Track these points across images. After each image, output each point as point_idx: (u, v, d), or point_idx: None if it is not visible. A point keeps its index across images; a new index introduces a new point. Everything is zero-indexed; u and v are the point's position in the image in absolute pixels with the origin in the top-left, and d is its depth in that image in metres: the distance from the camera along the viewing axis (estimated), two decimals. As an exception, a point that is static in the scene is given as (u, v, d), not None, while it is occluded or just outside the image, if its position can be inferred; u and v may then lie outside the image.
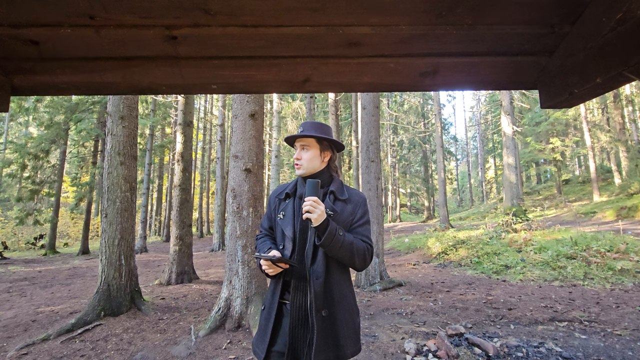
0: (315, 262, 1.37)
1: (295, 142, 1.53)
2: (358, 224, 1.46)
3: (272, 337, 1.37)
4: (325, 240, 1.30)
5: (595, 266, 6.08)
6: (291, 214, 1.47)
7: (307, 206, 1.29)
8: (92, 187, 14.55)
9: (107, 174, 4.93)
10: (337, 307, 1.36)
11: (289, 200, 1.52)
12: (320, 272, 1.35)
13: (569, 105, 1.21)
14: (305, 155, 1.48)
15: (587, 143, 19.69)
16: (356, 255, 1.37)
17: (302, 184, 1.51)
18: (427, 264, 8.83)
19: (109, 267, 4.64)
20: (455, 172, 48.27)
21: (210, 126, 27.81)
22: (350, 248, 1.35)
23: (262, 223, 1.63)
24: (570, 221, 14.25)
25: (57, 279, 8.26)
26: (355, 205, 1.48)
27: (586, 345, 3.25)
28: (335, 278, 1.40)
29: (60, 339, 3.74)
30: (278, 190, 1.60)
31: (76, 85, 1.22)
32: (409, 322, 4.09)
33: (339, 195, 1.48)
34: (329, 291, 1.37)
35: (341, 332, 1.35)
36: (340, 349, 1.33)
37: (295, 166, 1.50)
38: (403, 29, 1.07)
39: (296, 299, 1.36)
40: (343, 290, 1.42)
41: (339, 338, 1.33)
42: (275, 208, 1.55)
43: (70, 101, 13.63)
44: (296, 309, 1.35)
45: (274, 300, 1.41)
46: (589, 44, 1.00)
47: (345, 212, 1.45)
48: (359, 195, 1.52)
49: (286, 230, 1.44)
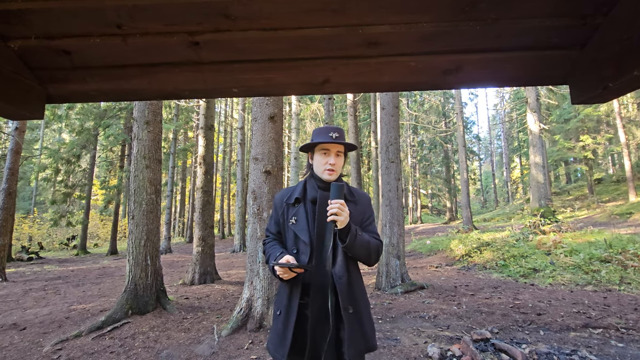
0: (337, 264, 1.41)
1: (329, 147, 1.51)
2: (367, 222, 1.54)
3: (293, 340, 1.37)
4: (349, 241, 1.36)
5: (633, 270, 5.73)
6: (304, 218, 1.47)
7: (335, 209, 1.32)
8: (119, 190, 15.17)
9: (134, 177, 5.12)
10: (360, 302, 1.44)
11: (299, 205, 1.51)
12: (342, 272, 1.41)
13: (603, 100, 1.15)
14: (339, 162, 1.52)
15: (622, 140, 18.62)
16: (372, 252, 1.45)
17: (315, 188, 1.52)
18: (450, 266, 8.62)
19: (135, 267, 4.81)
20: (478, 172, 46.89)
21: (231, 129, 28.37)
22: (368, 246, 1.43)
23: (269, 227, 1.64)
24: (604, 222, 13.52)
25: (88, 278, 8.65)
26: (364, 205, 1.56)
27: (623, 354, 3.06)
28: (354, 276, 1.47)
29: (92, 335, 3.91)
30: (285, 195, 1.59)
31: (105, 92, 1.27)
32: (431, 326, 4.00)
33: (349, 197, 1.52)
34: (351, 289, 1.43)
35: (367, 326, 1.44)
36: (368, 341, 1.42)
37: (330, 172, 1.49)
38: (424, 26, 1.05)
39: (316, 301, 1.37)
40: (361, 286, 1.50)
41: (366, 331, 1.42)
42: (283, 213, 1.55)
43: (99, 108, 14.28)
44: (316, 310, 1.37)
45: (293, 304, 1.42)
46: (624, 35, 0.94)
47: (357, 212, 1.50)
48: (365, 195, 1.62)
49: (301, 235, 1.45)
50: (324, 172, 1.49)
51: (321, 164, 1.50)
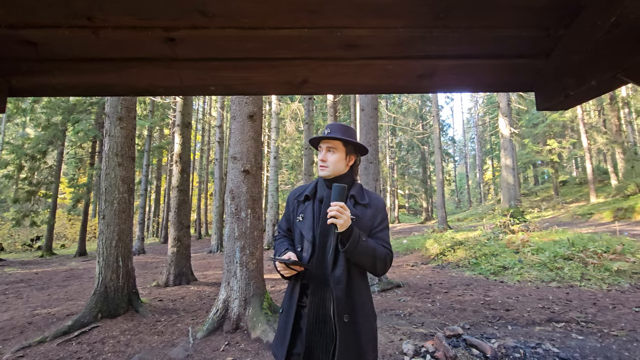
0: (337, 268, 1.35)
1: (321, 143, 1.50)
2: (378, 229, 1.44)
3: (292, 340, 1.35)
4: (350, 246, 1.29)
5: (592, 267, 6.11)
6: (310, 216, 1.44)
7: (334, 212, 1.27)
8: (89, 188, 14.50)
9: (105, 175, 4.92)
10: (358, 313, 1.35)
11: (308, 203, 1.49)
12: (341, 277, 1.34)
13: (565, 107, 1.22)
14: (331, 157, 1.46)
15: (584, 145, 19.79)
16: (378, 261, 1.35)
17: (324, 187, 1.49)
18: (425, 265, 8.84)
19: (106, 269, 4.63)
20: (453, 174, 48.37)
21: (209, 127, 27.79)
22: (373, 254, 1.34)
23: (280, 224, 1.62)
24: (568, 222, 14.31)
25: (53, 280, 8.22)
26: (376, 210, 1.46)
27: (583, 346, 3.26)
28: (356, 284, 1.38)
29: (57, 341, 3.72)
30: (297, 192, 1.57)
31: (74, 87, 1.22)
32: (407, 323, 4.09)
33: (360, 200, 1.46)
34: (350, 297, 1.35)
35: (363, 339, 1.34)
36: (361, 356, 1.32)
37: (321, 168, 1.47)
38: (400, 31, 1.08)
39: (314, 304, 1.35)
40: (363, 295, 1.40)
41: (361, 344, 1.33)
42: (294, 210, 1.53)
43: (67, 102, 13.59)
44: (313, 314, 1.33)
45: (292, 304, 1.40)
46: (583, 47, 1.01)
47: (366, 216, 1.43)
48: (378, 199, 1.51)
49: (305, 233, 1.42)
50: (319, 169, 1.49)
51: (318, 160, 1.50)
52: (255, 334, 3.71)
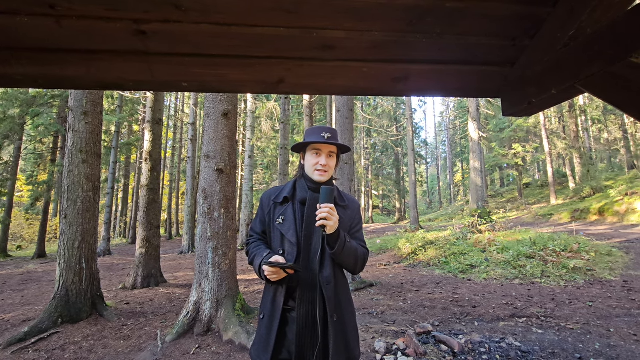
0: (324, 269, 1.36)
1: (321, 147, 1.45)
2: (356, 229, 1.50)
3: (276, 347, 1.32)
4: (338, 248, 1.32)
5: (552, 265, 6.50)
6: (292, 218, 1.42)
7: (325, 213, 1.27)
8: (50, 186, 13.64)
9: (68, 172, 4.64)
10: (344, 311, 1.40)
11: (287, 205, 1.46)
12: (330, 277, 1.36)
13: (528, 113, 1.30)
14: (332, 162, 1.47)
15: (546, 149, 21.04)
16: (359, 261, 1.42)
17: (305, 188, 1.47)
18: (397, 264, 9.04)
19: (68, 271, 4.37)
20: (425, 175, 49.77)
21: (182, 124, 26.96)
22: (355, 254, 1.40)
23: (254, 227, 1.56)
24: (530, 223, 15.14)
25: (8, 284, 7.66)
26: (353, 211, 1.52)
27: (542, 339, 3.46)
28: (340, 283, 1.42)
29: (11, 349, 3.48)
30: (273, 194, 1.53)
31: (34, 78, 1.14)
32: (379, 322, 4.17)
33: (339, 201, 1.48)
34: (337, 296, 1.38)
35: (350, 336, 1.39)
36: (351, 352, 1.37)
37: (321, 172, 1.44)
38: (376, 34, 1.10)
39: (303, 306, 1.33)
40: (347, 294, 1.46)
41: (349, 341, 1.37)
42: (270, 212, 1.49)
43: (26, 94, 12.71)
44: (303, 316, 1.32)
45: (276, 308, 1.36)
46: (545, 58, 1.07)
47: (346, 217, 1.46)
48: (355, 201, 1.57)
49: (288, 236, 1.39)
50: (315, 173, 1.44)
51: (312, 164, 1.45)
52: (227, 336, 3.65)
